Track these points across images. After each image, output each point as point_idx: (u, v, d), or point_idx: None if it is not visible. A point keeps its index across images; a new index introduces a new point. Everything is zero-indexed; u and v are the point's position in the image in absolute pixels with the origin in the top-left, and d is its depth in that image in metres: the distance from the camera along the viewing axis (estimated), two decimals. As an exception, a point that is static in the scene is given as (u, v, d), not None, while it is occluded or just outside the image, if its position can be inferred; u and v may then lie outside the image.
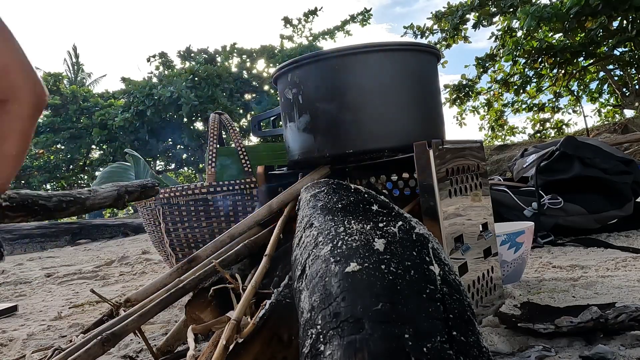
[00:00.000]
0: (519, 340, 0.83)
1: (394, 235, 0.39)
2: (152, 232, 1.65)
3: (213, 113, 1.75)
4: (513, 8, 6.77)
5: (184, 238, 1.56)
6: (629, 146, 4.06)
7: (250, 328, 0.48)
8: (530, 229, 1.29)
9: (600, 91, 8.67)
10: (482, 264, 0.99)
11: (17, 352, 1.15)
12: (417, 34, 8.11)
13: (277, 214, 0.91)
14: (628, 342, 0.77)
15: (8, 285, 2.31)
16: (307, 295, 0.38)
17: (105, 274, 2.35)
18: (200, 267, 0.84)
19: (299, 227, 0.57)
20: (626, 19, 5.73)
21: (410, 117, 0.98)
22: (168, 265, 1.69)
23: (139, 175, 1.99)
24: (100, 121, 10.00)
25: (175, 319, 1.22)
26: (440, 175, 0.87)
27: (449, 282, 0.35)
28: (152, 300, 0.78)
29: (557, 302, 1.04)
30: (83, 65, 16.24)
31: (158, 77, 11.00)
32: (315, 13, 10.12)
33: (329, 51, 0.95)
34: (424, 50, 1.02)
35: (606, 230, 1.96)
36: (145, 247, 3.40)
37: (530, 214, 1.92)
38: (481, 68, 8.08)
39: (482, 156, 1.07)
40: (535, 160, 2.12)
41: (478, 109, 9.12)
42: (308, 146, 0.99)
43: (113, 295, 1.71)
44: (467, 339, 0.30)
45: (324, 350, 0.30)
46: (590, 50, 6.11)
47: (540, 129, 9.33)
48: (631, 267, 1.34)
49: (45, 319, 1.47)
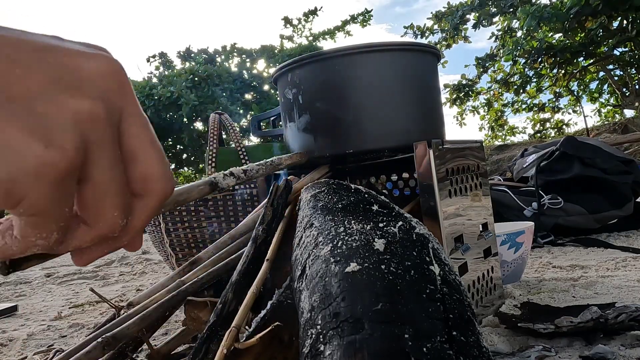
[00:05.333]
0: (519, 340, 0.83)
1: (394, 235, 0.39)
2: (152, 232, 1.65)
3: (213, 113, 1.75)
4: (513, 8, 6.77)
5: (184, 238, 1.56)
6: (629, 146, 4.06)
7: (252, 342, 0.48)
8: (530, 229, 1.29)
9: (600, 91, 8.67)
10: (482, 264, 0.99)
11: (17, 352, 1.15)
12: (417, 34, 8.12)
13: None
14: (628, 342, 0.77)
15: (8, 285, 2.31)
16: (307, 295, 0.38)
17: (105, 274, 2.35)
18: (202, 269, 0.84)
19: (299, 227, 0.57)
20: (626, 19, 5.73)
21: (410, 117, 0.98)
22: (168, 265, 1.69)
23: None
24: (100, 121, 10.00)
25: (175, 318, 1.22)
26: (440, 175, 0.87)
27: (449, 282, 0.35)
28: (153, 302, 0.78)
29: (557, 302, 1.04)
30: (83, 65, 16.19)
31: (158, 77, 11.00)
32: (315, 13, 10.12)
33: (329, 51, 0.96)
34: (424, 50, 1.02)
35: (606, 230, 1.96)
36: (145, 247, 3.40)
37: (530, 214, 1.92)
38: (481, 68, 8.09)
39: (482, 156, 1.07)
40: (535, 160, 2.12)
41: (478, 109, 9.13)
42: (308, 146, 0.99)
43: (113, 295, 1.71)
44: (467, 339, 0.30)
45: (323, 350, 0.30)
46: (590, 50, 6.12)
47: (540, 129, 9.34)
48: (631, 267, 1.34)
49: (45, 319, 1.47)
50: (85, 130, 0.23)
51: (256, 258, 0.70)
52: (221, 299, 0.67)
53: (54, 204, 0.23)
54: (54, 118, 0.22)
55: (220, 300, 0.67)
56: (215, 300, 0.71)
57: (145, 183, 0.27)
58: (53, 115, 0.22)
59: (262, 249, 0.71)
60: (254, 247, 0.72)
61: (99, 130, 0.24)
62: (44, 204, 0.22)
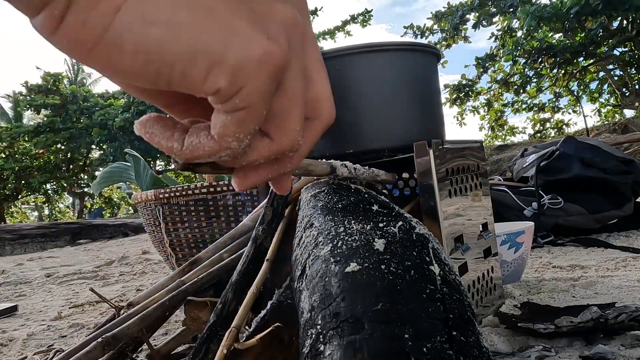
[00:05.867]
0: (519, 340, 0.83)
1: (394, 235, 0.39)
2: (152, 232, 1.65)
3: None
4: (513, 8, 6.77)
5: (184, 238, 1.56)
6: (629, 146, 4.07)
7: (252, 343, 0.48)
8: (530, 229, 1.29)
9: (600, 91, 8.68)
10: (482, 264, 0.99)
11: (17, 352, 1.15)
12: (417, 34, 8.12)
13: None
14: (628, 342, 0.77)
15: (8, 285, 2.31)
16: (307, 295, 0.38)
17: (105, 274, 2.35)
18: (202, 269, 0.84)
19: (299, 227, 0.57)
20: (626, 19, 5.74)
21: (410, 117, 0.98)
22: (168, 265, 1.69)
23: (139, 175, 1.99)
24: (100, 121, 10.00)
25: (175, 318, 1.22)
26: (440, 175, 0.87)
27: (449, 282, 0.35)
28: (153, 302, 0.78)
29: (557, 302, 1.04)
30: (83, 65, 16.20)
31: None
32: (315, 13, 10.11)
33: (329, 51, 0.95)
34: (424, 50, 1.02)
35: (606, 230, 1.96)
36: (145, 247, 3.40)
37: (530, 214, 1.92)
38: (481, 68, 8.09)
39: (482, 156, 1.07)
40: (535, 160, 2.12)
41: (478, 109, 9.13)
42: (308, 146, 0.99)
43: (113, 295, 1.71)
44: (467, 339, 0.30)
45: (323, 350, 0.30)
46: (590, 50, 6.12)
47: (540, 129, 9.34)
48: (631, 267, 1.34)
49: (45, 319, 1.47)
50: (289, 33, 0.25)
51: (256, 258, 0.71)
52: (221, 299, 0.67)
53: (265, 97, 0.24)
54: (270, 17, 0.24)
55: (220, 300, 0.67)
56: (215, 300, 0.71)
57: (317, 104, 0.28)
58: (268, 15, 0.24)
59: (262, 249, 0.71)
60: (254, 247, 0.72)
61: (298, 38, 0.25)
62: (258, 95, 0.24)
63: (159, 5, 0.21)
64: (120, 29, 0.21)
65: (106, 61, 0.22)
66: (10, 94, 14.26)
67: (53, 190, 12.76)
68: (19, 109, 13.08)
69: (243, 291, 0.65)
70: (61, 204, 16.14)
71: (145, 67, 0.22)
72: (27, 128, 10.63)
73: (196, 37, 0.22)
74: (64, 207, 16.58)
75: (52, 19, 0.21)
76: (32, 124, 11.00)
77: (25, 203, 14.92)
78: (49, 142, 10.33)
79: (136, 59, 0.22)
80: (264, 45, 0.23)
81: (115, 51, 0.21)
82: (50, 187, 12.50)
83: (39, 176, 10.99)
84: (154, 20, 0.21)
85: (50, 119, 10.29)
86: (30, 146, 10.80)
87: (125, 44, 0.21)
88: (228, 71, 0.23)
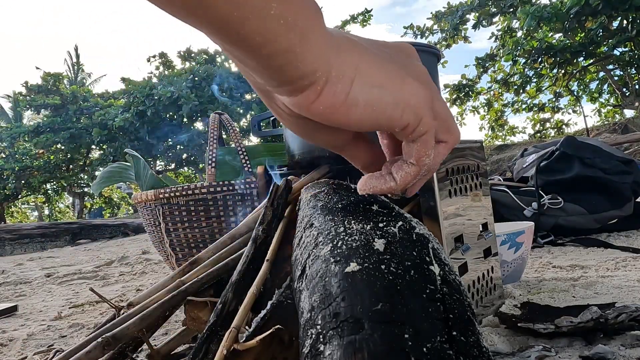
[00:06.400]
0: (519, 340, 0.83)
1: (394, 235, 0.39)
2: (152, 232, 1.65)
3: (213, 113, 1.75)
4: (513, 8, 6.78)
5: (184, 238, 1.56)
6: (629, 146, 4.07)
7: (252, 344, 0.48)
8: (530, 229, 1.29)
9: (600, 91, 8.68)
10: (482, 264, 0.99)
11: (17, 352, 1.15)
12: (417, 34, 8.12)
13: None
14: (628, 342, 0.77)
15: (8, 285, 2.31)
16: (307, 295, 0.38)
17: (105, 274, 2.35)
18: (202, 269, 0.84)
19: (299, 227, 0.57)
20: (626, 19, 5.74)
21: (410, 117, 0.97)
22: (168, 265, 1.69)
23: (139, 175, 1.99)
24: (100, 121, 10.00)
25: (175, 318, 1.22)
26: (440, 175, 0.87)
27: (449, 282, 0.35)
28: (153, 302, 0.78)
29: (557, 302, 1.04)
30: (83, 65, 16.23)
31: (158, 77, 11.00)
32: (315, 13, 10.09)
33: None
34: (424, 50, 1.02)
35: (606, 230, 1.96)
36: (145, 247, 3.41)
37: (530, 214, 1.92)
38: (481, 68, 8.10)
39: (482, 156, 1.07)
40: (535, 160, 2.12)
41: (478, 109, 9.14)
42: (308, 146, 0.99)
43: (113, 295, 1.71)
44: (467, 339, 0.30)
45: (323, 350, 0.30)
46: (590, 50, 6.12)
47: (540, 129, 9.34)
48: (631, 267, 1.34)
49: (45, 319, 1.47)
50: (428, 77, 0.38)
51: (256, 258, 0.70)
52: (221, 299, 0.67)
53: (432, 120, 0.37)
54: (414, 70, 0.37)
55: (220, 300, 0.67)
56: (215, 300, 0.71)
57: (449, 134, 0.40)
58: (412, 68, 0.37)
59: (262, 249, 0.71)
60: (254, 247, 0.72)
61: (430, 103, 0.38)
62: (430, 120, 0.36)
63: (374, 75, 0.33)
64: (355, 92, 0.33)
65: (345, 115, 0.33)
66: (10, 94, 14.25)
67: (53, 190, 12.76)
68: (19, 109, 13.08)
69: (243, 291, 0.65)
70: (61, 204, 16.14)
71: (369, 114, 0.34)
72: (27, 128, 10.64)
73: (395, 91, 0.34)
74: (64, 207, 16.57)
75: (315, 93, 0.32)
76: (32, 124, 11.00)
77: (25, 203, 14.93)
78: (49, 142, 10.33)
79: (365, 110, 0.33)
80: (426, 93, 0.36)
81: (353, 107, 0.33)
82: (50, 187, 12.51)
83: (39, 176, 10.99)
84: (374, 84, 0.33)
85: (50, 119, 10.30)
86: (30, 146, 10.80)
87: (359, 101, 0.33)
88: (413, 110, 0.35)
